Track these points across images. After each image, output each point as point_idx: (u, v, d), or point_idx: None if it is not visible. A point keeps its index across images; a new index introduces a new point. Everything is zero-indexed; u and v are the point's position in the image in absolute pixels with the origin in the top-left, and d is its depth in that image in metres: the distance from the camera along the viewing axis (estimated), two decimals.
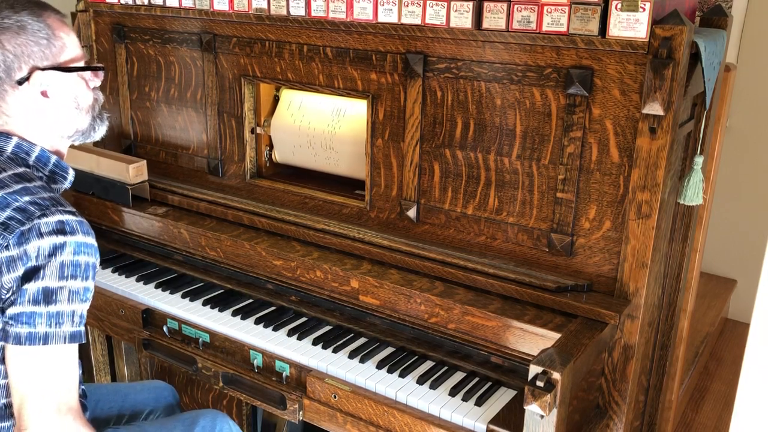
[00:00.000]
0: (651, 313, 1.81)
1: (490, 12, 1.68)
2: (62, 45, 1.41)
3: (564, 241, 1.73)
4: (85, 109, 1.48)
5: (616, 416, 1.72)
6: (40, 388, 1.28)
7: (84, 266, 1.30)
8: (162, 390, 1.96)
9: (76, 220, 1.30)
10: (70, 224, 1.29)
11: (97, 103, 1.51)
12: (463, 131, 1.82)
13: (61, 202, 1.32)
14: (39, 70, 1.37)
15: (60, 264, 1.26)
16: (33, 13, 1.37)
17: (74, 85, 1.44)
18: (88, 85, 1.48)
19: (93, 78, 1.49)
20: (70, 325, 1.30)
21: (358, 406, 1.67)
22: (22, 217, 1.26)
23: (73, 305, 1.30)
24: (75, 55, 1.44)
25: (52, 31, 1.39)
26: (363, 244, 1.94)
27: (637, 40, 1.54)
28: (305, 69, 2.03)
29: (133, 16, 2.35)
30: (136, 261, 2.29)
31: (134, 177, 2.28)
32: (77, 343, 1.32)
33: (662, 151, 1.55)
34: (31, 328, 1.26)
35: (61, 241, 1.26)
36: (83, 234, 1.30)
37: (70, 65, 1.42)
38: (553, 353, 1.42)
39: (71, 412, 1.31)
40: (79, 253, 1.29)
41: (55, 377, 1.29)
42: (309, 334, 1.89)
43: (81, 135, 1.51)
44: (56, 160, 1.46)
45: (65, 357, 1.31)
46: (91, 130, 1.51)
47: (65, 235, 1.27)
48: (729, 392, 3.15)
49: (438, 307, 1.75)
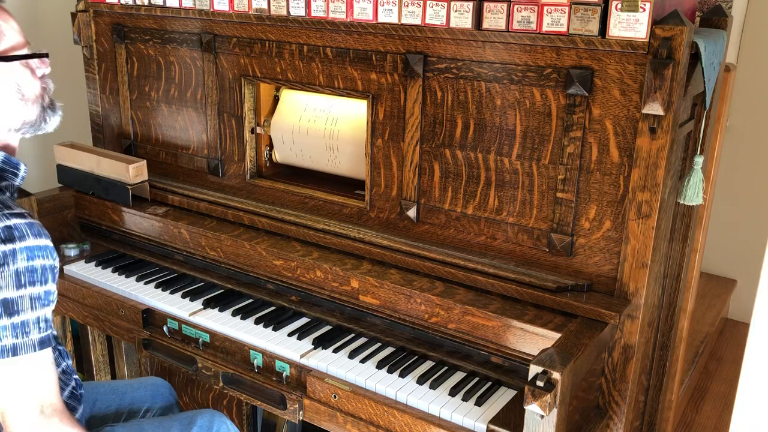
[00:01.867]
0: (651, 313, 1.81)
1: (490, 12, 1.69)
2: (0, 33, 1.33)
3: (564, 241, 1.73)
4: (31, 100, 1.40)
5: (616, 416, 1.72)
6: (19, 395, 1.26)
7: (41, 270, 1.25)
8: (159, 387, 1.96)
9: (25, 223, 1.24)
10: (18, 229, 1.22)
11: (46, 93, 1.44)
12: (463, 131, 1.82)
13: (7, 205, 1.26)
14: None
15: (15, 272, 1.21)
16: None
17: (16, 75, 1.36)
18: (35, 74, 1.40)
19: (40, 66, 1.42)
20: (38, 332, 1.26)
21: (358, 406, 1.67)
22: None
23: (37, 311, 1.25)
24: (15, 43, 1.36)
25: None
26: (363, 244, 1.94)
27: (637, 40, 1.54)
28: (305, 69, 2.03)
29: (133, 16, 2.35)
30: (136, 261, 2.29)
31: (134, 177, 2.28)
32: (47, 348, 1.28)
33: (662, 151, 1.55)
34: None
35: (10, 249, 1.20)
36: (34, 237, 1.24)
37: (9, 54, 1.34)
38: (553, 353, 1.42)
39: (56, 413, 1.29)
40: (33, 258, 1.23)
41: (33, 383, 1.27)
42: (309, 334, 1.89)
43: (31, 127, 1.43)
44: (5, 157, 1.39)
45: (39, 363, 1.28)
46: (42, 121, 1.43)
47: (14, 242, 1.21)
48: (729, 392, 3.15)
49: (438, 307, 1.75)
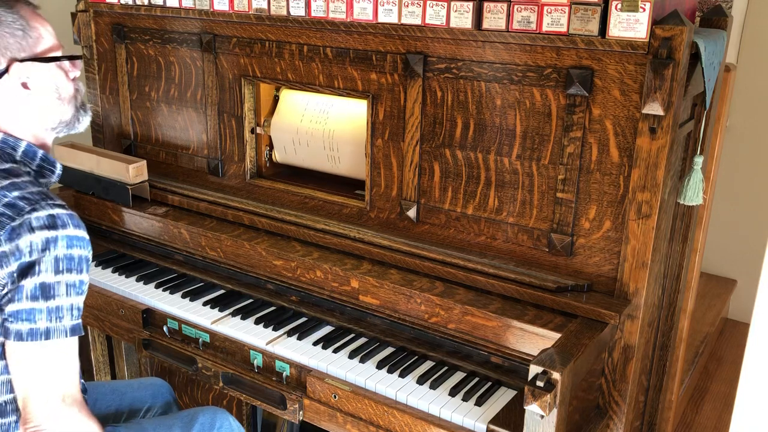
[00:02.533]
0: (651, 313, 1.81)
1: (490, 12, 1.69)
2: (38, 36, 1.40)
3: (564, 241, 1.73)
4: (67, 100, 1.47)
5: (616, 416, 1.72)
6: (45, 381, 1.29)
7: (78, 259, 1.30)
8: (159, 387, 1.96)
9: (67, 214, 1.30)
10: (61, 218, 1.28)
11: (78, 94, 1.50)
12: (463, 131, 1.82)
13: (50, 196, 1.32)
14: (17, 62, 1.36)
15: (54, 258, 1.26)
16: (5, 6, 1.36)
17: (54, 76, 1.43)
18: (68, 76, 1.46)
19: (72, 68, 1.48)
20: (70, 319, 1.31)
21: (358, 406, 1.67)
22: (12, 212, 1.26)
23: (71, 298, 1.30)
24: (51, 45, 1.43)
25: (27, 22, 1.38)
26: (363, 244, 1.94)
27: (637, 40, 1.54)
28: (305, 69, 2.03)
29: (133, 16, 2.35)
30: (136, 261, 2.29)
31: (134, 177, 2.28)
32: (78, 335, 1.33)
33: (662, 151, 1.55)
34: (32, 324, 1.26)
35: (53, 235, 1.26)
36: (74, 227, 1.30)
37: (47, 55, 1.41)
38: (553, 353, 1.42)
39: (76, 403, 1.33)
40: (72, 246, 1.29)
41: (58, 370, 1.31)
42: (309, 334, 1.89)
43: (65, 126, 1.50)
44: (43, 154, 1.45)
45: (67, 350, 1.32)
46: (75, 121, 1.50)
47: (57, 229, 1.27)
48: (729, 392, 3.15)
49: (438, 307, 1.75)
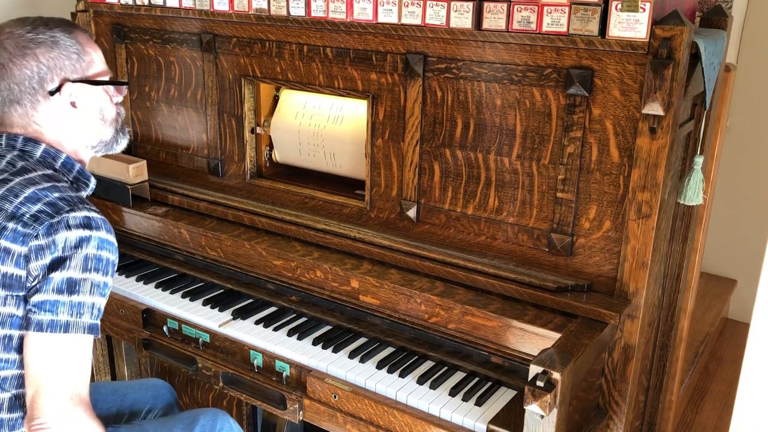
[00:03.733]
0: (651, 313, 1.81)
1: (490, 12, 1.69)
2: (90, 60, 1.49)
3: (564, 241, 1.73)
4: (109, 122, 1.56)
5: (616, 416, 1.72)
6: (57, 376, 1.32)
7: (105, 261, 1.36)
8: (160, 388, 1.96)
9: (101, 218, 1.38)
10: (95, 220, 1.36)
11: (119, 117, 1.60)
12: (463, 131, 1.82)
13: (87, 202, 1.40)
14: (69, 82, 1.45)
15: (84, 256, 1.33)
16: (65, 30, 1.46)
17: (100, 98, 1.53)
18: (112, 100, 1.56)
19: (116, 94, 1.57)
20: (90, 317, 1.35)
21: (358, 406, 1.67)
22: (51, 210, 1.34)
23: (94, 297, 1.35)
24: (101, 70, 1.52)
25: (82, 47, 1.48)
26: (363, 244, 1.94)
27: (637, 40, 1.54)
28: (305, 69, 2.03)
29: (133, 16, 2.35)
30: (136, 261, 2.29)
31: (134, 177, 2.28)
32: (94, 335, 1.37)
33: (662, 151, 1.55)
34: (54, 316, 1.31)
35: (86, 235, 1.33)
36: (106, 231, 1.38)
37: (97, 79, 1.50)
38: (553, 353, 1.42)
39: (83, 403, 1.35)
40: (102, 248, 1.36)
41: (71, 367, 1.34)
42: (309, 334, 1.89)
43: (104, 146, 1.59)
44: (80, 168, 1.53)
45: (82, 348, 1.36)
46: (114, 142, 1.60)
47: (91, 230, 1.34)
48: (729, 392, 3.15)
49: (438, 307, 1.75)
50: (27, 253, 1.31)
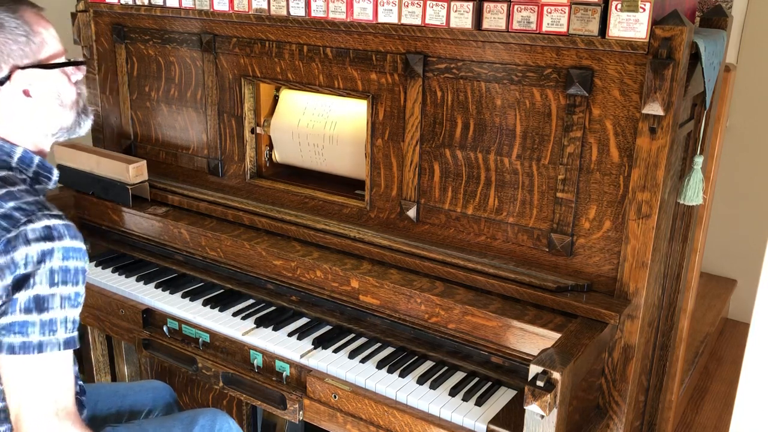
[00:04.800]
0: (651, 313, 1.81)
1: (490, 12, 1.69)
2: (42, 41, 1.36)
3: (564, 241, 1.73)
4: (69, 105, 1.44)
5: (616, 416, 1.72)
6: (37, 394, 1.26)
7: (74, 271, 1.27)
8: (160, 390, 1.96)
9: (63, 224, 1.27)
10: (57, 229, 1.25)
11: (80, 98, 1.47)
12: (463, 131, 1.82)
13: (46, 206, 1.29)
14: (19, 69, 1.33)
15: (50, 270, 1.23)
16: (8, 9, 1.32)
17: (57, 82, 1.40)
18: (71, 80, 1.43)
19: (75, 72, 1.45)
20: (64, 332, 1.27)
21: (358, 406, 1.67)
22: (7, 224, 1.23)
23: (66, 311, 1.27)
24: (55, 51, 1.39)
25: (30, 27, 1.34)
26: (363, 244, 1.94)
27: (637, 40, 1.54)
28: (305, 69, 2.03)
29: (133, 16, 2.35)
30: (136, 261, 2.29)
31: (134, 177, 2.28)
32: (72, 348, 1.30)
33: (662, 151, 1.55)
34: (25, 338, 1.23)
35: (49, 247, 1.23)
36: (71, 238, 1.27)
37: (51, 62, 1.38)
38: (553, 353, 1.42)
39: (69, 416, 1.30)
40: (68, 258, 1.26)
41: (51, 383, 1.28)
42: (309, 334, 1.89)
43: (66, 132, 1.47)
44: (40, 161, 1.42)
45: (61, 363, 1.29)
46: (76, 126, 1.47)
47: (53, 241, 1.24)
48: (729, 392, 3.15)
49: (438, 307, 1.75)
50: None
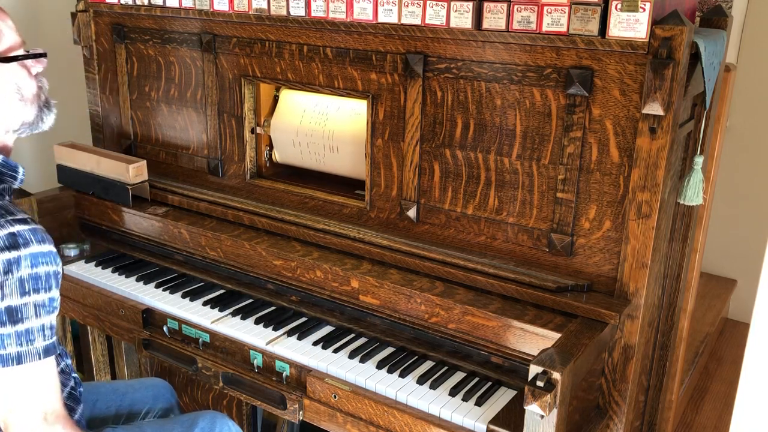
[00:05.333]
0: (651, 313, 1.81)
1: (490, 12, 1.68)
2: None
3: (564, 241, 1.73)
4: (29, 100, 1.39)
5: (616, 416, 1.72)
6: (24, 402, 1.25)
7: (45, 277, 1.23)
8: (160, 388, 1.95)
9: (29, 229, 1.23)
10: (22, 235, 1.21)
11: (42, 92, 1.43)
12: (463, 131, 1.82)
13: (9, 211, 1.25)
14: None
15: (19, 280, 1.20)
16: None
17: (15, 75, 1.34)
18: (31, 73, 1.39)
19: (35, 64, 1.40)
20: (42, 340, 1.25)
21: (358, 406, 1.67)
22: None
23: (41, 319, 1.24)
24: (12, 43, 1.34)
25: None
26: (363, 244, 1.94)
27: (637, 40, 1.54)
28: (305, 69, 2.03)
29: (133, 16, 2.35)
30: (136, 261, 2.29)
31: (134, 177, 2.28)
32: (52, 355, 1.27)
33: (662, 151, 1.55)
34: (2, 350, 1.21)
35: (14, 256, 1.19)
36: (38, 243, 1.23)
37: (8, 55, 1.33)
38: (553, 353, 1.42)
39: (59, 419, 1.29)
40: (36, 264, 1.22)
41: (36, 390, 1.26)
42: (309, 334, 1.89)
43: (28, 127, 1.42)
44: (2, 160, 1.37)
45: (43, 370, 1.27)
46: (39, 120, 1.43)
47: (18, 249, 1.20)
48: (729, 392, 3.15)
49: (438, 307, 1.75)
50: None
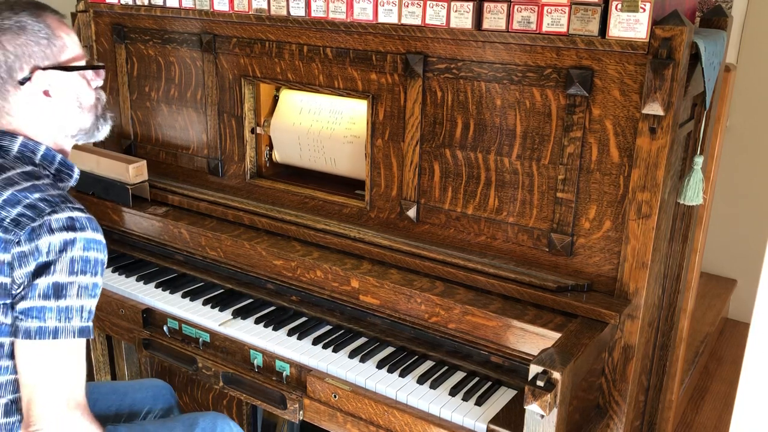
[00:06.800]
0: (651, 313, 1.82)
1: (490, 12, 1.69)
2: (63, 44, 1.42)
3: (564, 241, 1.73)
4: (87, 108, 1.49)
5: (616, 416, 1.72)
6: (50, 382, 1.29)
7: (93, 262, 1.32)
8: (160, 389, 1.96)
9: (86, 217, 1.32)
10: (79, 221, 1.31)
11: (99, 103, 1.53)
12: (463, 131, 1.82)
13: (70, 200, 1.34)
14: (40, 70, 1.39)
15: (70, 259, 1.28)
16: (32, 14, 1.39)
17: (76, 85, 1.45)
18: (90, 85, 1.49)
19: (95, 78, 1.51)
20: (80, 320, 1.31)
21: (358, 406, 1.67)
22: (32, 213, 1.28)
23: (83, 300, 1.31)
24: (75, 55, 1.45)
25: (52, 30, 1.40)
26: (363, 244, 1.94)
27: (637, 40, 1.54)
28: (305, 69, 2.03)
29: (133, 16, 2.35)
30: (136, 261, 2.29)
31: (134, 177, 2.28)
32: (86, 338, 1.34)
33: (662, 151, 1.55)
34: (41, 323, 1.27)
35: (71, 237, 1.28)
36: (92, 230, 1.32)
37: (71, 64, 1.44)
38: (553, 353, 1.42)
39: (79, 407, 1.33)
40: (88, 249, 1.31)
41: (64, 372, 1.31)
42: (309, 333, 1.89)
43: (85, 134, 1.52)
44: (61, 159, 1.47)
45: (74, 352, 1.33)
46: (95, 129, 1.53)
47: (75, 231, 1.29)
48: (729, 392, 3.15)
49: (438, 307, 1.75)
50: (10, 261, 1.26)
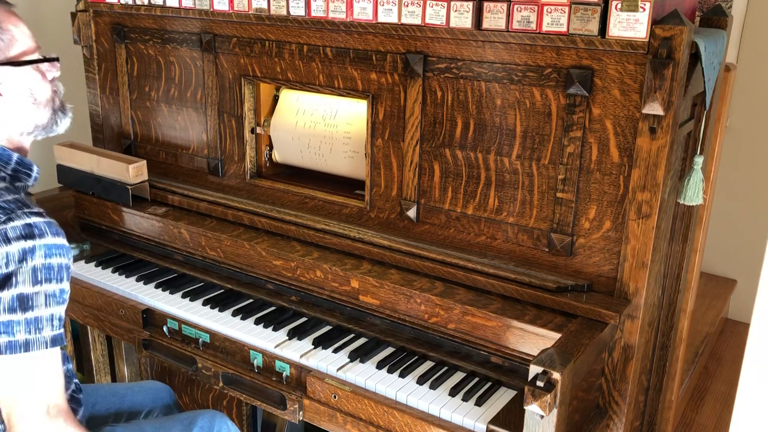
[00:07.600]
0: (651, 313, 1.81)
1: (490, 12, 1.69)
2: (11, 38, 1.35)
3: (564, 241, 1.73)
4: (43, 103, 1.42)
5: (616, 416, 1.72)
6: (27, 394, 1.26)
7: (57, 268, 1.26)
8: (159, 391, 1.96)
9: (44, 222, 1.26)
10: (38, 226, 1.25)
11: (57, 96, 1.46)
12: (463, 131, 1.82)
13: (26, 204, 1.28)
14: None
15: (32, 269, 1.23)
16: None
17: (29, 79, 1.38)
18: (45, 77, 1.42)
19: (50, 69, 1.43)
20: (50, 329, 1.27)
21: (358, 406, 1.67)
22: None
23: (51, 308, 1.26)
24: (26, 48, 1.38)
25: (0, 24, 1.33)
26: (363, 244, 1.94)
27: (637, 40, 1.54)
28: (305, 69, 2.03)
29: (133, 16, 2.35)
30: (136, 261, 2.29)
31: (134, 177, 2.28)
32: (59, 345, 1.29)
33: (662, 151, 1.55)
34: (10, 337, 1.23)
35: (30, 246, 1.23)
36: (53, 235, 1.26)
37: (21, 59, 1.36)
38: (553, 353, 1.42)
39: (62, 414, 1.30)
40: (50, 255, 1.25)
41: (41, 382, 1.27)
42: (309, 334, 1.89)
43: (42, 130, 1.46)
44: (18, 158, 1.41)
45: (49, 361, 1.28)
46: (53, 123, 1.46)
47: (34, 239, 1.23)
48: (729, 392, 3.15)
49: (438, 307, 1.75)
50: None
